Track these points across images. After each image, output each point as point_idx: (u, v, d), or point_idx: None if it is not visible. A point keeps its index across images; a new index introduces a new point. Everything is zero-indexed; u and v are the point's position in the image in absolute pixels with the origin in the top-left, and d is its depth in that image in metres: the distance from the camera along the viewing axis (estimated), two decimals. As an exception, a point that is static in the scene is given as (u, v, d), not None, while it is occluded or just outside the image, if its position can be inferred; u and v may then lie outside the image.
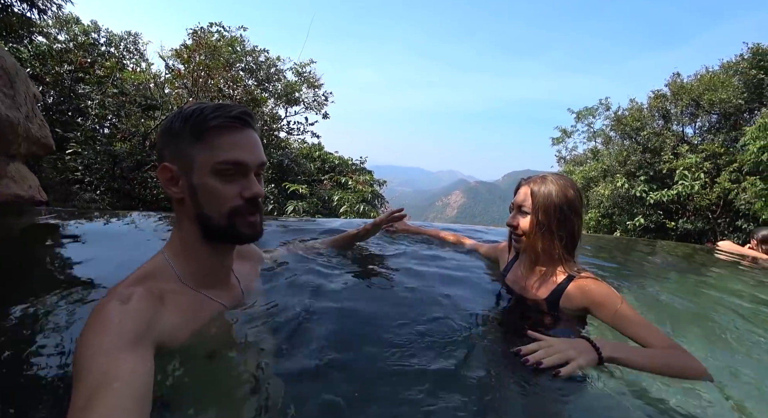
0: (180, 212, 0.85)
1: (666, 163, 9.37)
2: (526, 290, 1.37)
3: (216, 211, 0.81)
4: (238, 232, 0.84)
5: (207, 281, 0.88)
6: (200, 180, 0.79)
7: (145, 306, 0.70)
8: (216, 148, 0.79)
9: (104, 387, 0.56)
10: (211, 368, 0.82)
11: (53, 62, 5.82)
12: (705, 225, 9.03)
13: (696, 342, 1.36)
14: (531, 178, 1.34)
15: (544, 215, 1.26)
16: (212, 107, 0.80)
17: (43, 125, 2.10)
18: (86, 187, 4.93)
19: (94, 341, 0.62)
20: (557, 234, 1.27)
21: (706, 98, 9.15)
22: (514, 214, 1.34)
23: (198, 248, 0.85)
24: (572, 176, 12.02)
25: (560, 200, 1.26)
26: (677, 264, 3.03)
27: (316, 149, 8.68)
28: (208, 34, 7.44)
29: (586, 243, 3.19)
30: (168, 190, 0.83)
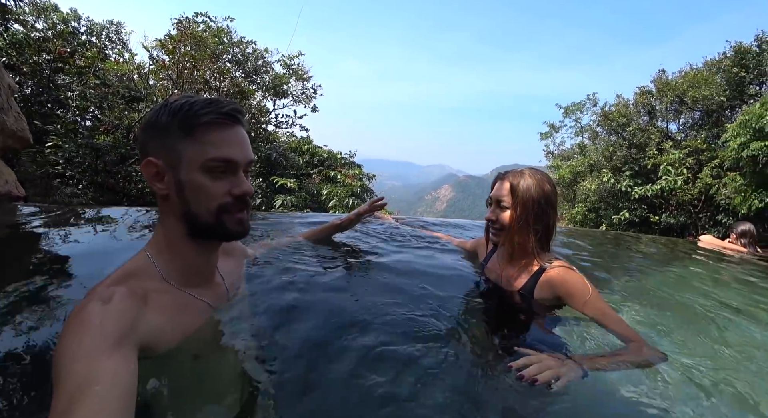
0: (165, 209, 0.83)
1: (650, 158, 9.53)
2: (503, 281, 1.42)
3: (204, 208, 0.79)
4: (226, 229, 0.83)
5: (192, 279, 0.87)
6: (188, 176, 0.78)
7: (127, 306, 0.68)
8: (206, 144, 0.77)
9: (86, 390, 0.54)
10: (197, 368, 0.80)
11: (30, 51, 5.62)
12: (687, 219, 9.24)
13: (676, 328, 1.42)
14: (509, 172, 1.36)
15: (523, 209, 1.29)
16: (202, 102, 0.79)
17: (20, 118, 2.00)
18: (68, 181, 4.80)
19: (74, 343, 0.60)
20: (533, 228, 1.31)
21: (689, 95, 9.30)
22: (493, 208, 1.37)
23: (183, 245, 0.84)
24: (560, 171, 12.17)
25: (538, 194, 1.29)
26: (661, 257, 3.11)
27: (305, 143, 8.59)
28: (193, 24, 7.26)
29: (576, 237, 3.24)
30: (153, 185, 0.80)
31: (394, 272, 1.49)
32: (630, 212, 9.68)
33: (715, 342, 1.33)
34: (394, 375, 0.90)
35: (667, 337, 1.31)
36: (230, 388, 0.82)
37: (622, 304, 1.61)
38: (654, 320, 1.46)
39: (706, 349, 1.27)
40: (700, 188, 8.64)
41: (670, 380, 1.00)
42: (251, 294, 1.08)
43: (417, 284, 1.38)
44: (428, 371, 0.94)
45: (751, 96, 8.94)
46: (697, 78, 9.29)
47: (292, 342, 0.96)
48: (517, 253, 1.36)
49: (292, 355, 0.93)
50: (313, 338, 0.99)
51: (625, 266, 2.49)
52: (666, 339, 1.30)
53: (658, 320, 1.46)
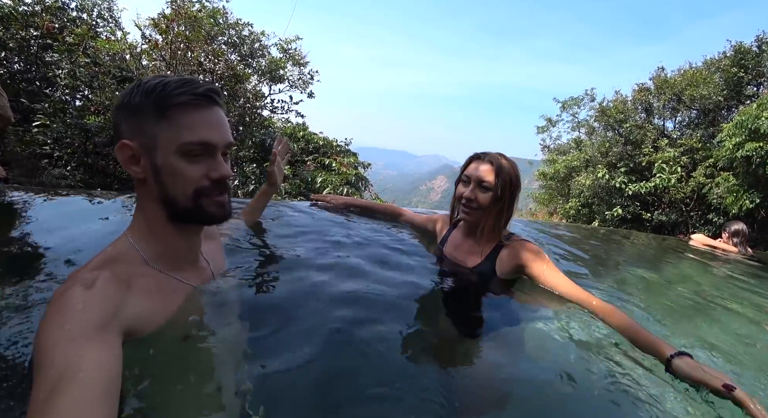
0: (143, 193, 0.81)
1: (646, 156, 9.56)
2: (465, 259, 1.45)
3: (181, 192, 0.78)
4: (205, 213, 0.81)
5: (176, 263, 0.85)
6: (164, 160, 0.75)
7: (111, 291, 0.67)
8: (182, 127, 0.75)
9: (68, 378, 0.52)
10: (186, 351, 0.79)
11: (17, 26, 5.43)
12: (678, 217, 9.33)
13: (665, 324, 1.45)
14: (487, 154, 1.40)
15: (503, 191, 1.35)
16: (176, 82, 0.76)
17: (0, 95, 1.89)
18: (56, 162, 4.69)
19: (56, 329, 0.58)
20: (507, 208, 1.38)
21: (687, 93, 9.30)
22: (473, 188, 1.37)
23: (163, 229, 0.82)
24: (555, 165, 12.19)
25: (513, 177, 1.37)
26: (653, 254, 3.12)
27: (300, 129, 8.47)
28: (188, 3, 7.05)
29: (570, 231, 3.24)
30: (128, 169, 0.78)
31: (359, 254, 1.48)
32: (623, 208, 9.75)
33: (701, 337, 1.37)
34: (379, 361, 0.93)
35: (655, 331, 1.36)
36: (221, 370, 0.81)
37: (611, 300, 1.62)
38: (643, 315, 1.48)
39: (692, 342, 1.31)
40: (693, 187, 8.71)
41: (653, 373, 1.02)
42: (237, 275, 1.08)
43: (380, 269, 1.38)
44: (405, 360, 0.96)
45: (749, 96, 8.97)
46: (696, 77, 9.29)
47: (281, 323, 0.97)
48: (484, 231, 1.40)
49: (282, 335, 0.93)
50: (301, 319, 1.01)
51: (616, 262, 2.49)
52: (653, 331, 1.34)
53: (647, 316, 1.48)
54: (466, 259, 1.45)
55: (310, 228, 1.71)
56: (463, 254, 1.47)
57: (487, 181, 1.35)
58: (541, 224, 3.47)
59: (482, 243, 1.43)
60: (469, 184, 1.39)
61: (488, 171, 1.36)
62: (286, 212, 1.88)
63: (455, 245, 1.53)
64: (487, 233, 1.41)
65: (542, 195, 13.33)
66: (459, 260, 1.48)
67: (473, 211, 1.38)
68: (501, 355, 1.10)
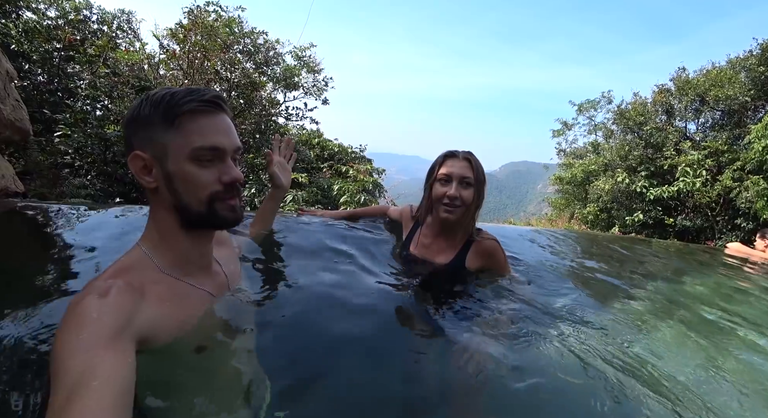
0: (155, 202, 0.82)
1: (668, 159, 9.27)
2: (435, 257, 1.49)
3: (194, 197, 0.79)
4: (219, 217, 0.82)
5: (189, 269, 0.86)
6: (176, 167, 0.77)
7: (124, 299, 0.68)
8: (191, 133, 0.77)
9: (83, 386, 0.54)
10: (202, 361, 0.80)
11: (41, 39, 5.56)
12: (704, 223, 8.99)
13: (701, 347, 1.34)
14: (460, 152, 1.45)
15: (481, 186, 1.43)
16: (183, 92, 0.78)
17: (19, 107, 1.85)
18: (77, 171, 4.75)
19: (71, 338, 0.59)
20: (480, 203, 1.45)
21: (712, 94, 9.00)
22: (456, 186, 1.39)
23: (176, 237, 0.83)
24: (572, 169, 11.95)
25: (484, 172, 1.45)
26: (686, 266, 2.95)
27: (315, 136, 8.48)
28: (204, 13, 7.15)
29: (601, 241, 3.11)
30: (141, 180, 0.79)
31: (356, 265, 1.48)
32: (644, 213, 9.45)
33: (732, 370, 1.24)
34: (395, 369, 0.97)
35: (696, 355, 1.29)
36: (236, 380, 0.81)
37: (646, 319, 1.51)
38: (682, 337, 1.37)
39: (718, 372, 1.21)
40: (719, 191, 8.38)
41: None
42: (252, 282, 1.09)
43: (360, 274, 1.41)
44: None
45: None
46: (720, 77, 8.98)
47: (299, 330, 1.00)
48: (457, 227, 1.45)
49: (299, 343, 0.96)
50: (320, 326, 1.04)
51: (647, 274, 2.35)
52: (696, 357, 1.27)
53: (686, 337, 1.38)
54: (436, 256, 1.49)
55: (311, 241, 1.67)
56: (433, 251, 1.50)
57: (468, 178, 1.39)
58: (563, 235, 3.34)
59: (453, 238, 1.47)
60: (448, 183, 1.40)
61: (467, 168, 1.41)
62: (288, 225, 1.83)
63: (424, 243, 1.53)
64: (457, 228, 1.46)
65: (558, 200, 13.07)
66: (427, 257, 1.50)
67: (457, 208, 1.40)
68: (478, 343, 1.14)
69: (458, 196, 1.39)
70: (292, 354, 0.93)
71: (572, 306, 1.47)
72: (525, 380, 0.99)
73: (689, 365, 1.22)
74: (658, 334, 1.39)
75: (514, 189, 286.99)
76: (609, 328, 1.36)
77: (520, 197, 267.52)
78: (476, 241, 1.45)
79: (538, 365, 1.08)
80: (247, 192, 5.31)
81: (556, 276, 1.87)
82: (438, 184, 1.43)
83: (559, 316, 1.35)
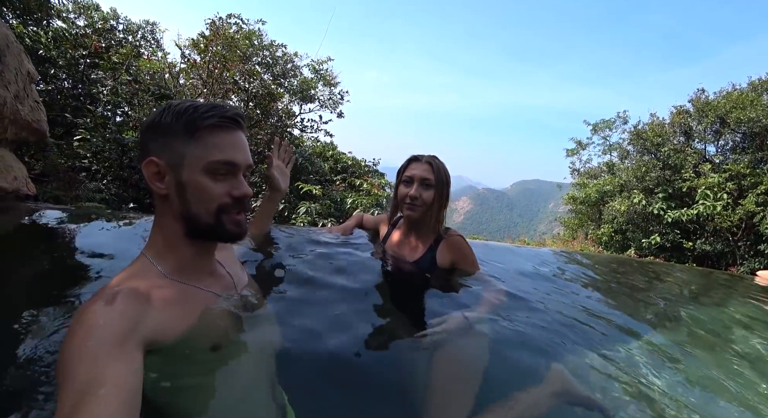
0: (162, 209, 0.83)
1: (686, 181, 9.08)
2: (407, 254, 1.59)
3: (204, 208, 0.81)
4: (224, 230, 0.84)
5: (194, 274, 0.86)
6: (190, 177, 0.79)
7: (131, 305, 0.69)
8: (210, 146, 0.80)
9: (90, 394, 0.55)
10: (217, 361, 0.81)
11: (68, 45, 5.71)
12: (724, 247, 8.72)
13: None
14: (423, 156, 1.55)
15: (442, 188, 1.51)
16: (207, 106, 0.81)
17: (37, 108, 1.83)
18: (94, 175, 4.79)
19: (78, 346, 0.60)
20: (445, 203, 1.54)
21: (733, 116, 8.85)
22: (417, 186, 1.50)
23: (180, 245, 0.84)
24: (586, 189, 11.77)
25: (448, 175, 1.55)
26: (714, 296, 2.80)
27: (329, 148, 8.50)
28: (226, 25, 7.30)
29: (624, 263, 2.98)
30: (152, 185, 0.81)
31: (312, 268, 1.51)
32: (661, 236, 9.22)
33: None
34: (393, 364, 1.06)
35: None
36: (257, 379, 0.83)
37: (641, 353, 1.40)
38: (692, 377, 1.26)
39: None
40: (741, 215, 8.15)
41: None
42: (259, 283, 1.10)
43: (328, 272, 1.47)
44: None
45: (802, 120, 8.43)
46: (741, 99, 8.84)
47: (309, 329, 1.05)
48: (424, 226, 1.55)
49: (311, 340, 1.01)
50: (329, 326, 1.09)
51: (685, 303, 2.22)
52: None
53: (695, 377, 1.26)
54: (408, 253, 1.59)
55: (299, 249, 1.69)
56: (405, 249, 1.60)
57: (428, 179, 1.49)
58: (577, 261, 3.21)
59: (422, 236, 1.58)
60: (411, 184, 1.51)
61: (428, 170, 1.51)
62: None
63: (397, 242, 1.64)
64: (425, 227, 1.56)
65: (571, 220, 12.86)
66: (401, 255, 1.61)
67: (417, 208, 1.50)
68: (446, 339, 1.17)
69: (418, 197, 1.49)
70: (300, 352, 0.99)
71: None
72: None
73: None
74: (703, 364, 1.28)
75: (525, 208, 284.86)
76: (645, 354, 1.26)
77: (531, 216, 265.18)
78: (444, 238, 1.55)
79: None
80: (260, 203, 5.28)
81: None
82: (402, 186, 1.55)
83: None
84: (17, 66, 1.57)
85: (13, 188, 1.75)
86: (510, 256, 2.39)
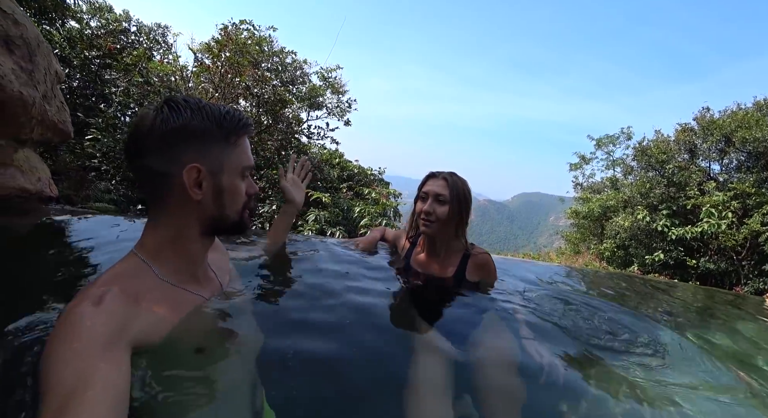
0: (183, 212, 0.81)
1: (690, 199, 9.08)
2: (435, 271, 1.59)
3: (234, 209, 0.86)
4: (244, 223, 0.90)
5: (185, 276, 0.86)
6: (229, 182, 0.83)
7: (118, 307, 0.67)
8: (242, 152, 0.85)
9: (77, 396, 0.53)
10: (201, 363, 0.80)
11: (82, 45, 5.76)
12: (728, 266, 8.68)
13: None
14: (441, 173, 1.56)
15: (458, 203, 1.50)
16: (235, 112, 0.83)
17: (63, 108, 1.81)
18: (103, 175, 4.79)
19: (64, 347, 0.58)
20: (464, 219, 1.53)
21: (738, 135, 8.88)
22: (431, 202, 1.50)
23: (189, 245, 0.84)
24: (589, 204, 11.76)
25: (467, 191, 1.54)
26: (722, 316, 2.76)
27: (336, 156, 8.52)
28: (237, 31, 7.37)
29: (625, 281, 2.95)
30: (191, 191, 0.79)
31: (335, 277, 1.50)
32: (665, 253, 9.18)
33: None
34: (387, 371, 1.01)
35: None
36: (238, 381, 0.82)
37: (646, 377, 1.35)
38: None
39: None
40: (745, 234, 8.13)
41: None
42: (247, 287, 1.11)
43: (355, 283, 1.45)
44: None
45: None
46: (747, 118, 8.88)
47: (294, 332, 1.03)
48: (445, 243, 1.56)
49: (295, 344, 0.98)
50: (314, 329, 1.07)
51: (697, 324, 2.20)
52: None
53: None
54: (437, 271, 1.58)
55: (314, 259, 1.69)
56: (432, 266, 1.60)
57: (442, 195, 1.49)
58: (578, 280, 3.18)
59: (447, 253, 1.58)
60: (426, 200, 1.52)
61: (443, 186, 1.51)
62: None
63: (423, 259, 1.64)
64: (446, 244, 1.56)
65: (574, 234, 12.83)
66: (428, 272, 1.60)
67: (432, 223, 1.50)
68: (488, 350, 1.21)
69: (432, 212, 1.49)
70: (288, 356, 0.96)
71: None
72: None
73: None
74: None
75: (526, 220, 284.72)
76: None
77: (531, 229, 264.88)
78: (472, 255, 1.56)
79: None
80: (267, 208, 5.30)
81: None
82: (419, 202, 1.56)
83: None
84: (46, 66, 1.57)
85: (37, 190, 1.73)
86: (523, 270, 2.37)
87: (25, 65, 1.51)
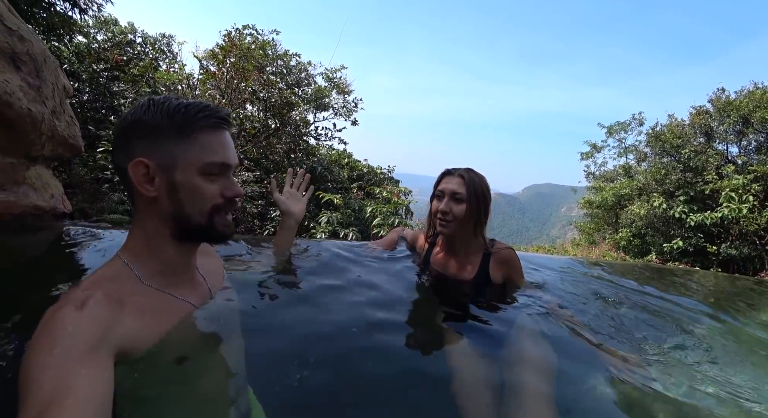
0: (147, 211, 0.80)
1: (709, 183, 8.83)
2: (457, 271, 1.53)
3: (197, 209, 0.80)
4: (215, 230, 0.83)
5: (172, 280, 0.84)
6: (184, 178, 0.77)
7: (102, 312, 0.65)
8: (204, 147, 0.78)
9: (57, 404, 0.51)
10: (181, 374, 0.78)
11: (90, 59, 5.84)
12: (751, 251, 8.43)
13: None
14: (457, 169, 1.49)
15: (476, 202, 1.44)
16: (197, 105, 0.79)
17: (72, 123, 1.81)
18: (116, 186, 4.86)
19: (44, 352, 0.56)
20: (482, 217, 1.47)
21: (757, 116, 8.60)
22: (447, 201, 1.44)
23: (164, 247, 0.82)
24: (602, 193, 11.54)
25: (485, 187, 1.48)
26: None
27: (345, 156, 8.51)
28: (241, 36, 7.40)
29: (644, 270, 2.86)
30: (140, 187, 0.76)
31: (361, 278, 1.51)
32: (684, 240, 8.95)
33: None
34: (384, 380, 0.97)
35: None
36: (219, 391, 0.80)
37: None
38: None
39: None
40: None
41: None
42: (236, 294, 1.07)
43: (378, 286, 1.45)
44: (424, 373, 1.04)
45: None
46: (766, 97, 8.59)
47: (280, 342, 1.00)
48: (465, 242, 1.50)
49: (280, 354, 0.96)
50: (302, 337, 1.04)
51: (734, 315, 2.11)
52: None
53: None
54: (458, 272, 1.53)
55: (320, 260, 1.68)
56: (453, 267, 1.54)
57: (459, 193, 1.43)
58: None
59: (468, 252, 1.52)
60: (443, 198, 1.46)
61: (459, 184, 1.44)
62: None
63: (443, 260, 1.59)
64: (466, 243, 1.51)
65: (587, 224, 12.61)
66: (450, 274, 1.54)
67: (449, 223, 1.44)
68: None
69: (448, 211, 1.43)
70: (274, 365, 0.94)
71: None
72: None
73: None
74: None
75: (537, 212, 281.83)
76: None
77: (543, 220, 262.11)
78: (493, 252, 1.50)
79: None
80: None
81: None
82: (435, 200, 1.50)
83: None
84: (54, 81, 1.57)
85: (50, 207, 1.73)
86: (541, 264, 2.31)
87: (32, 81, 1.51)
